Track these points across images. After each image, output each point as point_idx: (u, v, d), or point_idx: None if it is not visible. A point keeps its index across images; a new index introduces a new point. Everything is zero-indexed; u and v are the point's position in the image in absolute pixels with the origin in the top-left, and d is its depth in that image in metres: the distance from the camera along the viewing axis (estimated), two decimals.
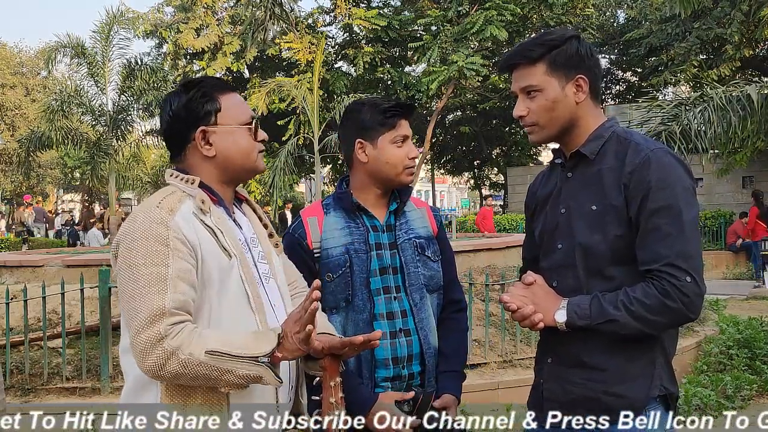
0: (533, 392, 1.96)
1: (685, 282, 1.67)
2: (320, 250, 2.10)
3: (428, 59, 18.14)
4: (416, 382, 2.10)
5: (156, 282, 1.54)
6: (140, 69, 18.27)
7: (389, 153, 2.10)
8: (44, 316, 5.09)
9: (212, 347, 1.52)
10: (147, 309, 1.52)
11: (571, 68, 1.80)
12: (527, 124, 1.85)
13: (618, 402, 1.75)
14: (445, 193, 51.69)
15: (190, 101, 1.73)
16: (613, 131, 1.83)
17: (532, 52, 1.81)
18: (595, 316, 1.71)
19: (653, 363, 1.78)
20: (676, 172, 1.74)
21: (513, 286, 1.86)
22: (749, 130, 8.20)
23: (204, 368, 1.51)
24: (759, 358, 5.76)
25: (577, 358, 1.80)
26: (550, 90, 1.80)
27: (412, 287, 2.11)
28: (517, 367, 5.28)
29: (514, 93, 1.88)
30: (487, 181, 30.70)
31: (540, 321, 1.76)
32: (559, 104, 1.80)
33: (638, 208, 1.72)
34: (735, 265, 14.59)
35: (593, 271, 1.78)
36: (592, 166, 1.82)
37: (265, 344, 1.56)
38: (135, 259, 1.57)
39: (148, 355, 1.50)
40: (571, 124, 1.83)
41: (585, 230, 1.79)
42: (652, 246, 1.70)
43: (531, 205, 2.03)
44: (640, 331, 1.72)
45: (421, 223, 2.20)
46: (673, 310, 1.68)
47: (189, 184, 1.69)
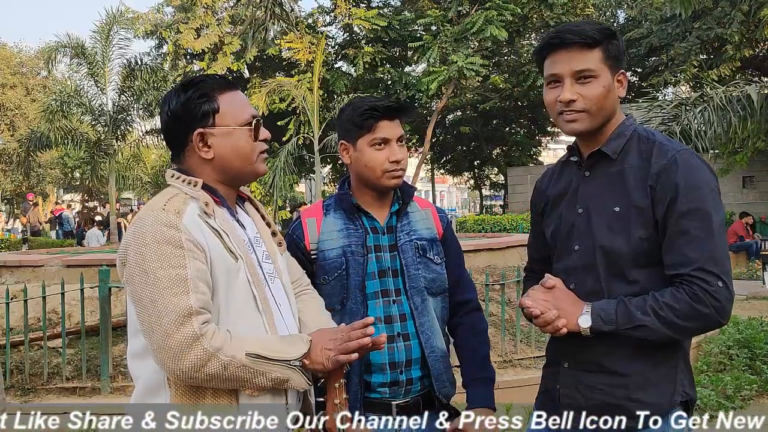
0: (544, 396, 1.91)
1: (717, 287, 1.63)
2: (317, 252, 2.06)
3: (428, 59, 18.15)
4: (416, 387, 2.04)
5: (177, 283, 1.52)
6: (140, 69, 18.29)
7: (367, 156, 2.03)
8: (44, 316, 5.09)
9: (251, 350, 1.53)
10: (174, 310, 1.49)
11: (619, 61, 1.76)
12: (575, 110, 1.73)
13: (641, 408, 1.70)
14: (445, 193, 51.66)
15: (188, 101, 1.68)
16: (635, 130, 1.79)
17: (592, 33, 1.71)
18: (622, 322, 1.66)
19: (675, 368, 1.75)
20: (703, 174, 1.70)
21: (533, 289, 1.79)
22: (749, 130, 8.21)
23: (242, 371, 1.52)
24: (759, 358, 5.75)
25: (597, 363, 1.74)
26: (604, 78, 1.72)
27: (413, 290, 2.05)
28: (517, 367, 5.28)
29: (557, 76, 1.75)
30: (487, 181, 30.69)
31: (564, 326, 1.70)
32: (611, 94, 1.74)
33: (666, 211, 1.67)
34: (735, 265, 14.58)
35: (615, 273, 1.73)
36: (613, 166, 1.76)
37: (298, 348, 1.59)
38: (149, 263, 1.53)
39: (185, 356, 1.48)
40: (609, 118, 1.77)
41: (606, 232, 1.73)
42: (681, 249, 1.65)
43: (539, 204, 1.96)
44: (669, 337, 1.67)
45: (424, 225, 2.14)
46: (704, 316, 1.64)
47: (192, 186, 1.66)
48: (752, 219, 15.92)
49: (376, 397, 2.02)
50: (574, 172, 1.86)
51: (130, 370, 1.69)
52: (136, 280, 1.55)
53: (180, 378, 1.52)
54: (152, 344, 1.52)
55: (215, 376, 1.51)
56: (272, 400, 1.62)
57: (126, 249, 1.59)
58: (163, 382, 1.58)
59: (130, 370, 1.68)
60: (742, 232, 15.47)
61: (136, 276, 1.55)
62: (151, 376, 1.59)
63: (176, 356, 1.49)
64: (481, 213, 29.54)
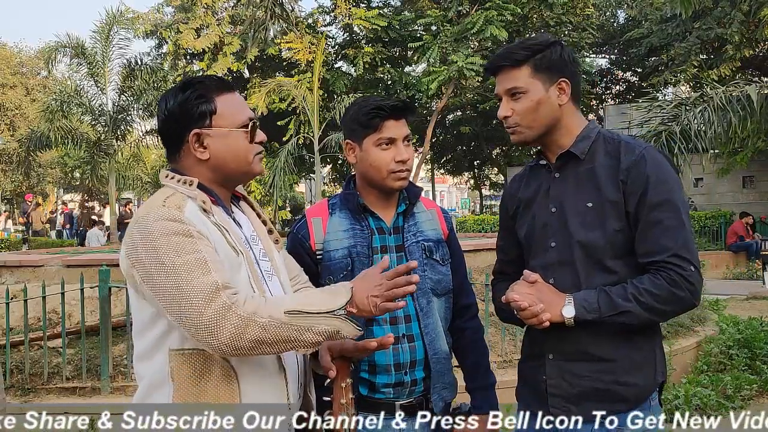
0: (529, 390, 1.96)
1: (691, 271, 1.75)
2: (322, 252, 2.04)
3: (428, 59, 18.16)
4: (419, 389, 2.04)
5: (197, 266, 1.51)
6: (140, 69, 18.31)
7: (373, 156, 2.02)
8: (44, 316, 5.09)
9: (289, 307, 1.53)
10: (202, 289, 1.49)
11: (555, 72, 1.86)
12: (510, 125, 1.90)
13: (629, 390, 1.81)
14: (445, 193, 51.70)
15: (185, 102, 1.68)
16: (599, 132, 1.91)
17: (517, 55, 1.87)
18: (605, 310, 1.76)
19: (654, 351, 1.86)
20: (668, 168, 1.83)
21: (516, 284, 1.86)
22: (749, 130, 8.21)
23: (285, 329, 1.51)
24: (759, 358, 5.75)
25: (582, 351, 1.83)
26: (533, 92, 1.85)
27: (419, 291, 2.01)
28: (516, 367, 5.27)
29: (498, 95, 1.93)
30: (487, 181, 30.71)
31: (548, 319, 1.78)
32: (542, 105, 1.86)
33: (637, 203, 1.78)
34: (735, 265, 14.59)
35: (593, 265, 1.82)
36: (582, 165, 1.87)
37: (339, 298, 1.58)
38: (164, 256, 1.52)
39: (222, 328, 1.47)
40: (553, 125, 1.88)
41: (581, 227, 1.83)
42: (656, 238, 1.76)
43: (511, 207, 2.05)
44: (649, 320, 1.79)
45: (430, 225, 2.13)
46: (681, 299, 1.75)
47: (187, 186, 1.66)
48: (752, 219, 15.95)
49: (380, 398, 2.01)
50: (543, 175, 1.96)
51: (136, 372, 1.68)
52: (154, 274, 1.53)
53: (226, 353, 1.51)
54: (189, 328, 1.50)
55: (258, 340, 1.50)
56: (273, 399, 1.62)
57: (135, 250, 1.57)
58: (166, 377, 1.58)
59: (136, 373, 1.67)
60: (742, 232, 15.48)
61: (153, 270, 1.53)
62: (155, 374, 1.59)
63: (214, 330, 1.47)
64: (481, 213, 29.54)
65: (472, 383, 2.16)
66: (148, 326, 1.61)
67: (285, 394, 1.65)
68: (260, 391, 1.61)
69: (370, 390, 2.01)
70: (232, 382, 1.58)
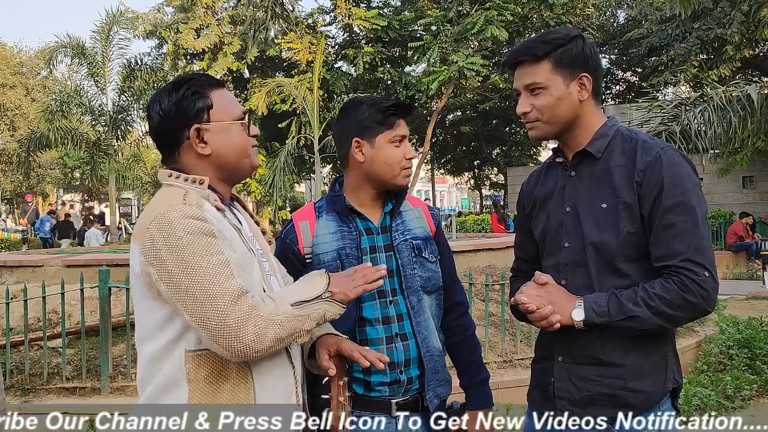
0: (537, 392, 1.94)
1: (704, 277, 1.70)
2: (312, 255, 2.04)
3: (428, 59, 18.13)
4: (415, 386, 2.05)
5: (222, 268, 1.53)
6: (140, 69, 18.30)
7: (387, 153, 2.04)
8: (44, 316, 5.10)
9: (293, 299, 1.59)
10: (227, 292, 1.51)
11: (576, 67, 1.81)
12: (530, 121, 1.85)
13: (636, 397, 1.77)
14: (445, 193, 51.68)
15: (181, 99, 1.69)
16: (617, 130, 1.85)
17: (537, 49, 1.81)
18: (614, 314, 1.72)
19: (666, 356, 1.82)
20: (686, 169, 1.77)
21: (526, 286, 1.83)
22: (749, 130, 8.21)
23: (294, 322, 1.57)
24: (759, 358, 5.75)
25: (592, 355, 1.80)
26: (554, 87, 1.80)
27: (409, 290, 2.05)
28: (517, 367, 5.28)
29: (517, 90, 1.87)
30: (487, 181, 30.69)
31: (558, 321, 1.76)
32: (562, 102, 1.81)
33: (652, 205, 1.74)
34: (735, 265, 14.59)
35: (605, 267, 1.79)
36: (598, 165, 1.83)
37: (319, 282, 1.66)
38: (187, 256, 1.52)
39: (246, 331, 1.50)
40: (572, 122, 1.84)
41: (595, 228, 1.79)
42: (668, 242, 1.72)
43: (527, 205, 2.01)
44: (660, 326, 1.75)
45: (417, 223, 2.14)
46: (693, 305, 1.71)
47: (197, 185, 1.65)
48: (752, 219, 15.95)
49: (375, 396, 2.02)
50: (559, 172, 1.92)
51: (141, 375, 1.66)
52: (178, 274, 1.52)
53: (247, 356, 1.53)
54: (209, 330, 1.50)
55: (278, 338, 1.55)
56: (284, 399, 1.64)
57: (154, 247, 1.55)
58: (181, 378, 1.58)
59: (143, 375, 1.65)
60: (742, 232, 15.47)
61: (176, 270, 1.52)
62: (168, 376, 1.58)
63: (237, 333, 1.50)
64: (481, 213, 29.54)
65: (465, 380, 2.17)
66: (161, 327, 1.60)
67: (295, 393, 1.67)
68: (273, 391, 1.62)
69: (366, 389, 2.02)
70: (248, 382, 1.60)
